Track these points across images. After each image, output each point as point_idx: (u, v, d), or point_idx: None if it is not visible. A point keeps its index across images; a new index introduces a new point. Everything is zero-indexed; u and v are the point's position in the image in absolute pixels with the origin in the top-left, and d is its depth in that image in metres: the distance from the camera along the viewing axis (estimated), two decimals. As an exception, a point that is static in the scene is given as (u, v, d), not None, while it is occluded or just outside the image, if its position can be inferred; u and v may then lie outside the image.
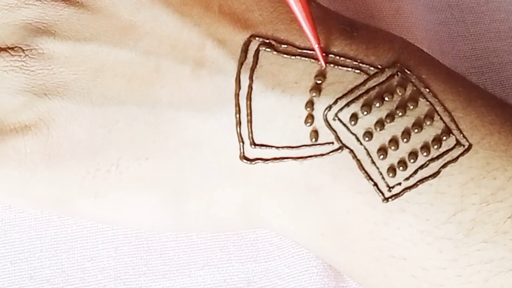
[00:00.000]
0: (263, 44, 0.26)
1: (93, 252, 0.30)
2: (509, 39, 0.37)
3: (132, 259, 0.30)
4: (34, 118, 0.26)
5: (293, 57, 0.26)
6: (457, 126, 0.26)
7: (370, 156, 0.26)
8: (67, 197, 0.27)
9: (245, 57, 0.26)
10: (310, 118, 0.26)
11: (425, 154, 0.25)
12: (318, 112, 0.26)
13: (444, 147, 0.26)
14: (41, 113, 0.26)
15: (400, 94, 0.26)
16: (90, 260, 0.30)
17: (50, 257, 0.29)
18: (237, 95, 0.26)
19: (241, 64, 0.26)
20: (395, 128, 0.26)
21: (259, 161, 0.26)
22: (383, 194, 0.25)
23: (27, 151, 0.26)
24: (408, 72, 0.26)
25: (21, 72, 0.26)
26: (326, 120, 0.26)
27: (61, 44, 0.26)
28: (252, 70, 0.26)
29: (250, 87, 0.26)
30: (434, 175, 0.25)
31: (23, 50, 0.26)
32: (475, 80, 0.35)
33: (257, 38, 0.26)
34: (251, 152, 0.26)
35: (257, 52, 0.26)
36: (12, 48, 0.26)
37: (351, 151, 0.26)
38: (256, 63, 0.26)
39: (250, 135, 0.26)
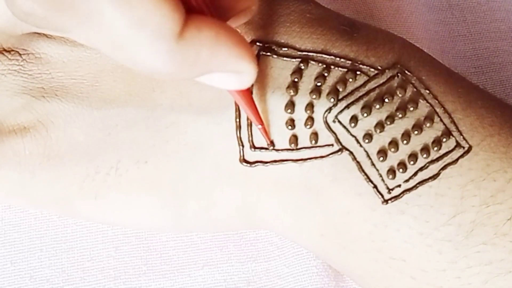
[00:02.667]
0: (263, 49, 0.26)
1: (93, 252, 0.30)
2: (510, 38, 0.37)
3: (132, 259, 0.30)
4: (32, 120, 0.26)
5: (293, 60, 0.26)
6: (457, 127, 0.26)
7: (370, 158, 0.26)
8: (66, 198, 0.27)
9: None
10: (310, 120, 0.26)
11: (425, 156, 0.25)
12: (318, 114, 0.26)
13: (444, 149, 0.26)
14: (40, 115, 0.26)
15: (400, 95, 0.26)
16: (90, 260, 0.30)
17: (50, 257, 0.29)
18: None
19: None
20: (395, 130, 0.26)
21: (259, 164, 0.26)
22: (382, 196, 0.25)
23: (26, 152, 0.26)
24: (408, 73, 0.26)
25: (19, 76, 0.26)
26: (326, 122, 0.26)
27: (57, 49, 0.26)
28: None
29: (250, 91, 0.26)
30: (434, 177, 0.25)
31: (20, 55, 0.26)
32: (475, 80, 0.35)
33: (257, 43, 0.26)
34: (251, 155, 0.26)
35: (257, 57, 0.26)
36: (9, 52, 0.26)
37: (351, 153, 0.26)
38: None
39: (250, 138, 0.26)
